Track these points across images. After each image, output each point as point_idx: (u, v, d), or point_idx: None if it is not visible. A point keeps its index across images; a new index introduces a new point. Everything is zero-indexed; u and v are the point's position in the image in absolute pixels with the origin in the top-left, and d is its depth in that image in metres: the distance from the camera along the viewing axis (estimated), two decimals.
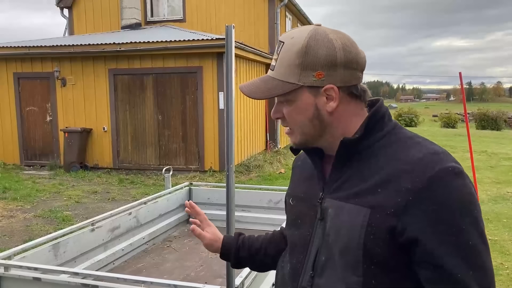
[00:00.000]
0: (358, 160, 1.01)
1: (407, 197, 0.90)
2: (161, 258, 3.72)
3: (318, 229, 1.04)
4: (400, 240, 0.91)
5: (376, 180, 0.95)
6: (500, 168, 11.31)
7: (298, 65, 1.00)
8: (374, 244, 0.92)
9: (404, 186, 0.91)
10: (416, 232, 0.89)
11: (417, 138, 1.01)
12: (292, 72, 1.00)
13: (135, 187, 8.70)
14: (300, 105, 1.02)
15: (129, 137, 10.13)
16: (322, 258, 1.02)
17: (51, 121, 10.56)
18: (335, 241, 0.98)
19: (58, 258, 2.88)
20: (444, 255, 0.88)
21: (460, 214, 0.89)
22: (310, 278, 1.03)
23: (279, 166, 10.82)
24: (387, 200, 0.92)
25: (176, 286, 2.09)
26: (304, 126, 1.04)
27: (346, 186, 1.00)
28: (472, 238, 0.89)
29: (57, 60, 10.24)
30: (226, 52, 1.72)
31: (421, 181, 0.90)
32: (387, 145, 1.00)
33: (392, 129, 1.03)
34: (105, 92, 10.10)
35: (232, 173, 1.83)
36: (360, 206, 0.95)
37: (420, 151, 0.95)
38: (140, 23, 13.17)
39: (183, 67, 9.63)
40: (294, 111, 1.03)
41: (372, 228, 0.92)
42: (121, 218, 3.60)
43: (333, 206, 1.01)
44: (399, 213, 0.90)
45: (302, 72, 1.00)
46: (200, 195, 4.62)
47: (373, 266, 0.93)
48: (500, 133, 26.09)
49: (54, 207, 7.05)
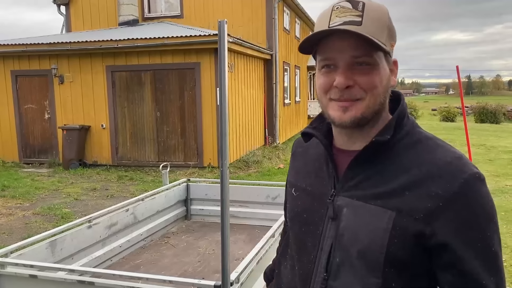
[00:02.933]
0: (379, 159, 0.96)
1: (437, 203, 0.88)
2: (159, 254, 3.73)
3: (330, 228, 0.99)
4: (427, 244, 0.90)
5: (402, 182, 0.92)
6: (499, 161, 11.32)
7: (387, 28, 0.94)
8: (397, 248, 0.90)
9: (434, 191, 0.89)
10: (447, 237, 0.88)
11: (436, 139, 0.99)
12: (383, 32, 0.93)
13: (134, 184, 8.71)
14: (382, 71, 0.94)
15: (127, 134, 10.12)
16: (337, 260, 0.97)
17: (50, 118, 10.55)
18: (353, 243, 0.94)
19: (55, 255, 2.89)
20: (471, 260, 0.88)
21: (486, 220, 0.89)
22: (324, 280, 0.98)
23: (278, 162, 10.82)
24: (416, 204, 0.89)
25: (172, 282, 2.10)
26: (379, 96, 0.95)
27: (365, 185, 0.96)
28: (494, 244, 0.90)
29: (55, 57, 10.21)
30: (219, 48, 1.71)
31: (452, 186, 0.88)
32: (410, 145, 0.96)
33: (412, 128, 0.99)
34: (103, 88, 10.09)
35: (226, 169, 1.83)
36: (384, 208, 0.92)
37: (446, 155, 0.93)
38: (138, 19, 13.13)
39: (181, 63, 9.61)
40: (377, 76, 0.93)
41: (396, 232, 0.90)
42: (119, 215, 3.61)
43: (350, 205, 0.96)
44: (429, 218, 0.88)
45: (387, 37, 0.94)
46: (197, 191, 4.62)
47: (393, 269, 0.91)
48: (499, 126, 26.10)
49: (53, 204, 7.06)
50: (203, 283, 1.96)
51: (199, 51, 9.42)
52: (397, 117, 0.98)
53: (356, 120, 0.95)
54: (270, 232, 2.72)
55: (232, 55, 10.05)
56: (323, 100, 0.99)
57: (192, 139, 9.78)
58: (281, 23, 13.87)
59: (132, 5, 12.88)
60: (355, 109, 0.94)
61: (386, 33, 0.93)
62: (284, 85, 14.41)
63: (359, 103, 0.94)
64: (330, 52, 0.94)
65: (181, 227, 4.45)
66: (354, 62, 0.93)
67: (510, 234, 5.40)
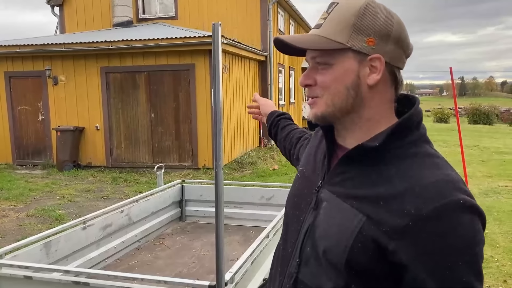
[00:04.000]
0: (368, 161, 0.94)
1: (407, 221, 0.83)
2: (153, 256, 3.74)
3: (310, 217, 1.01)
4: (390, 259, 0.86)
5: (380, 191, 0.89)
6: (491, 162, 11.42)
7: (352, 26, 0.93)
8: (360, 252, 0.88)
9: (406, 208, 0.84)
10: (408, 259, 0.84)
11: (436, 158, 0.93)
12: (342, 31, 0.93)
13: (128, 185, 8.69)
14: (339, 69, 0.94)
15: (122, 135, 10.11)
16: (307, 249, 0.99)
17: (43, 120, 10.51)
18: (322, 238, 0.95)
19: (50, 256, 2.89)
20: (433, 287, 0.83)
21: (459, 250, 0.83)
22: (297, 265, 1.01)
23: (272, 163, 10.85)
24: (386, 216, 0.86)
25: (166, 282, 2.11)
26: (336, 94, 0.95)
27: (348, 184, 0.96)
28: (466, 275, 0.83)
29: (49, 58, 10.18)
30: (213, 50, 1.73)
31: (426, 208, 0.83)
32: (403, 157, 0.92)
33: (416, 140, 0.94)
34: (97, 90, 10.07)
35: (221, 170, 1.84)
36: (357, 211, 0.90)
37: (434, 175, 0.87)
38: (132, 20, 13.12)
39: (176, 64, 9.61)
40: (331, 75, 0.95)
41: (362, 236, 0.88)
42: (113, 216, 3.61)
43: (329, 200, 0.97)
44: (395, 234, 0.84)
45: (353, 34, 0.93)
46: (192, 193, 4.63)
47: (354, 273, 0.90)
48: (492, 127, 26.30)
49: (47, 206, 7.04)
50: (198, 284, 1.98)
51: (193, 53, 9.43)
52: (397, 125, 0.93)
53: (316, 117, 0.98)
54: (265, 233, 2.73)
55: (226, 56, 10.07)
56: None
57: (187, 141, 9.78)
58: (276, 24, 13.91)
59: (127, 6, 12.86)
60: (316, 107, 0.98)
61: (350, 31, 0.93)
62: (278, 86, 14.45)
63: (318, 101, 0.97)
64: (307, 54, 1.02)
65: (175, 228, 4.45)
66: (315, 62, 0.97)
67: (502, 234, 5.46)
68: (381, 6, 0.96)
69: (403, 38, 0.96)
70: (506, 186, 8.31)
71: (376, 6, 0.95)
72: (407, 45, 0.98)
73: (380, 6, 0.96)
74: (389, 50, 0.94)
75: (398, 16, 0.97)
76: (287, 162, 11.17)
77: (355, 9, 0.94)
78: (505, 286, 4.03)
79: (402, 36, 0.96)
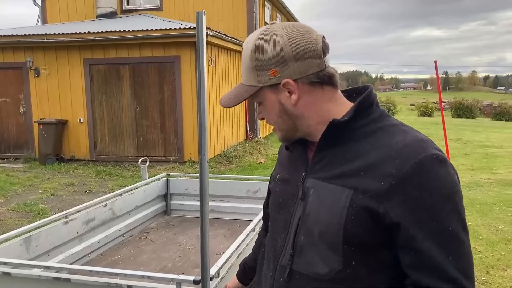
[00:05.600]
0: (341, 143, 1.02)
1: (390, 182, 0.91)
2: (138, 250, 3.69)
3: (298, 208, 1.05)
4: (383, 223, 0.92)
5: (360, 163, 0.97)
6: (474, 155, 11.58)
7: (254, 68, 1.04)
8: (355, 225, 0.93)
9: (388, 171, 0.92)
10: (398, 217, 0.90)
11: (402, 126, 1.02)
12: (250, 75, 1.06)
13: (112, 179, 8.58)
14: (268, 104, 1.08)
15: (106, 128, 9.96)
16: (301, 238, 1.03)
17: (25, 112, 10.29)
18: (315, 221, 0.99)
19: (30, 252, 2.81)
20: (424, 240, 0.89)
21: (442, 200, 0.90)
22: (290, 257, 1.05)
23: (259, 156, 10.82)
24: (370, 183, 0.93)
25: (151, 277, 2.07)
26: (277, 123, 1.09)
27: (328, 167, 1.02)
28: (452, 224, 0.90)
29: (30, 49, 9.95)
30: (197, 40, 1.68)
31: (405, 167, 0.91)
32: (372, 131, 1.01)
33: (379, 116, 1.04)
34: (81, 82, 9.89)
35: (206, 163, 1.80)
36: (343, 187, 0.96)
37: (405, 138, 0.96)
38: (116, 11, 12.90)
39: (161, 56, 9.48)
40: (266, 111, 1.09)
41: (353, 209, 0.94)
42: (96, 210, 3.54)
43: (315, 186, 1.02)
44: (382, 197, 0.91)
45: (259, 74, 1.04)
46: (177, 186, 4.58)
47: (353, 247, 0.95)
48: (475, 121, 26.72)
49: (29, 200, 6.90)
50: (182, 278, 1.94)
51: (179, 45, 9.31)
52: (358, 104, 1.02)
53: (283, 138, 1.12)
54: (251, 226, 2.71)
55: (212, 49, 9.98)
56: None
57: (172, 134, 9.69)
58: (262, 17, 13.83)
59: None
60: (277, 133, 1.13)
61: (254, 72, 1.04)
62: None
63: (275, 129, 1.12)
64: None
65: (160, 222, 4.40)
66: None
67: (485, 226, 5.54)
68: (270, 35, 1.02)
69: (299, 51, 1.00)
70: (489, 179, 8.44)
71: (265, 40, 1.02)
72: (310, 51, 1.01)
73: (269, 37, 1.01)
74: (293, 69, 1.01)
75: (292, 29, 1.02)
76: (273, 155, 11.15)
77: (248, 54, 1.04)
78: (488, 277, 4.09)
79: (297, 51, 1.00)
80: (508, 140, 15.68)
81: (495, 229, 5.43)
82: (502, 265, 4.37)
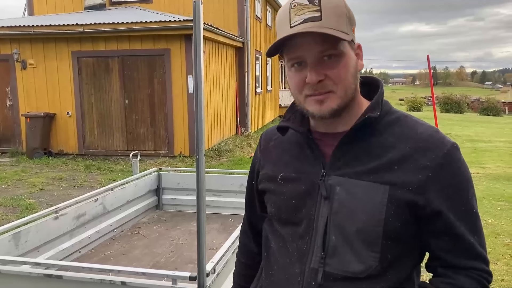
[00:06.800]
0: (364, 138, 1.00)
1: (427, 174, 0.94)
2: (129, 245, 3.63)
3: (323, 208, 1.00)
4: (421, 213, 0.95)
5: (390, 157, 0.97)
6: (463, 150, 11.45)
7: (346, 17, 0.97)
8: (394, 219, 0.94)
9: (423, 163, 0.95)
10: (440, 205, 0.94)
11: (412, 116, 1.05)
12: (343, 22, 0.96)
13: (102, 173, 8.48)
14: (347, 60, 0.97)
15: (95, 122, 9.82)
16: (333, 238, 0.98)
17: (12, 105, 10.10)
18: (349, 221, 0.96)
19: (19, 248, 2.75)
20: (461, 225, 0.96)
21: (468, 186, 0.98)
22: (321, 259, 0.99)
23: (249, 151, 10.79)
24: (408, 176, 0.94)
25: (145, 274, 2.03)
26: (349, 85, 0.98)
27: (354, 163, 0.99)
28: (475, 206, 0.99)
29: (16, 41, 9.75)
30: (194, 30, 1.63)
31: (438, 157, 0.95)
32: (391, 123, 1.01)
33: (390, 107, 1.05)
34: (69, 75, 9.73)
35: (202, 157, 1.76)
36: (377, 183, 0.95)
37: (427, 129, 1.00)
38: (105, 3, 12.68)
39: (150, 49, 9.36)
40: (343, 67, 0.97)
41: (392, 204, 0.94)
42: (87, 205, 3.48)
43: (342, 184, 0.98)
44: (422, 189, 0.94)
45: (347, 24, 0.97)
46: (169, 181, 4.52)
47: (390, 241, 0.96)
48: (463, 116, 27.00)
49: (17, 195, 6.78)
50: (178, 275, 1.89)
51: (169, 37, 9.20)
52: (379, 97, 1.03)
53: (333, 111, 0.98)
54: None
55: (203, 42, 9.87)
56: (299, 97, 1.02)
57: (162, 128, 9.59)
58: (253, 10, 13.73)
59: None
60: (330, 101, 0.98)
61: (346, 20, 0.96)
62: (256, 73, 14.33)
63: (333, 95, 0.97)
64: (297, 50, 0.97)
65: (152, 217, 4.35)
66: (321, 56, 0.96)
67: None
68: None
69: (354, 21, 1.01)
70: (478, 173, 8.51)
71: None
72: None
73: None
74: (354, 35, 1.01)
75: None
76: None
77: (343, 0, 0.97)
78: None
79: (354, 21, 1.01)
80: (496, 134, 15.87)
81: (485, 223, 5.47)
82: (492, 258, 4.40)
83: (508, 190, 7.13)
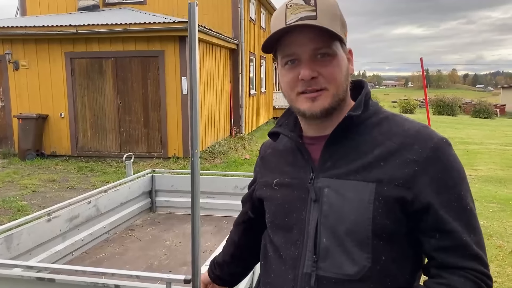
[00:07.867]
0: (350, 137, 1.00)
1: (413, 168, 0.93)
2: (123, 248, 3.61)
3: (313, 211, 0.99)
4: (410, 209, 0.93)
5: (377, 154, 0.96)
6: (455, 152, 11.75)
7: (340, 20, 0.99)
8: (383, 217, 0.93)
9: (409, 158, 0.94)
10: (428, 199, 0.92)
11: (402, 115, 1.05)
12: (337, 25, 0.98)
13: (95, 175, 8.43)
14: (340, 58, 0.99)
15: (88, 123, 9.77)
16: (324, 240, 0.97)
17: (4, 107, 10.02)
18: (339, 222, 0.95)
19: (11, 250, 2.72)
20: (453, 220, 0.91)
21: (460, 180, 0.95)
22: (314, 263, 0.98)
23: (243, 152, 10.78)
24: (394, 172, 0.93)
25: (138, 277, 2.01)
26: (341, 85, 1.00)
27: (341, 163, 0.99)
28: (469, 202, 0.95)
29: (9, 42, 9.68)
30: (189, 32, 1.62)
31: (425, 151, 0.94)
32: (378, 122, 1.01)
33: (378, 108, 1.05)
34: (62, 76, 9.67)
35: (197, 159, 1.75)
36: (364, 182, 0.94)
37: (413, 125, 0.99)
38: (98, 4, 12.64)
39: (144, 50, 9.33)
40: (336, 66, 0.99)
41: (380, 202, 0.93)
42: (80, 207, 3.45)
43: (330, 185, 0.98)
44: (409, 183, 0.92)
45: (340, 27, 0.99)
46: (163, 183, 4.50)
47: (382, 241, 0.94)
48: (455, 118, 27.18)
49: (9, 197, 6.72)
50: (172, 277, 1.88)
51: (163, 39, 9.18)
52: (363, 96, 1.03)
53: (325, 110, 0.99)
54: None
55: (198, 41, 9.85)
56: (290, 95, 1.02)
57: (156, 129, 9.56)
58: (247, 12, 13.75)
59: None
60: (322, 99, 0.98)
61: (339, 23, 0.98)
62: (250, 75, 14.33)
63: (325, 93, 0.98)
64: (291, 47, 0.98)
65: (146, 220, 4.32)
66: (315, 54, 0.97)
67: None
68: None
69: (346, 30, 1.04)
70: (470, 175, 8.57)
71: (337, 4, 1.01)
72: None
73: None
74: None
75: None
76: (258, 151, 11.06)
77: (336, 3, 0.98)
78: None
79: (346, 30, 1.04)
80: (487, 137, 16.00)
81: None
82: None
83: (500, 192, 7.18)
